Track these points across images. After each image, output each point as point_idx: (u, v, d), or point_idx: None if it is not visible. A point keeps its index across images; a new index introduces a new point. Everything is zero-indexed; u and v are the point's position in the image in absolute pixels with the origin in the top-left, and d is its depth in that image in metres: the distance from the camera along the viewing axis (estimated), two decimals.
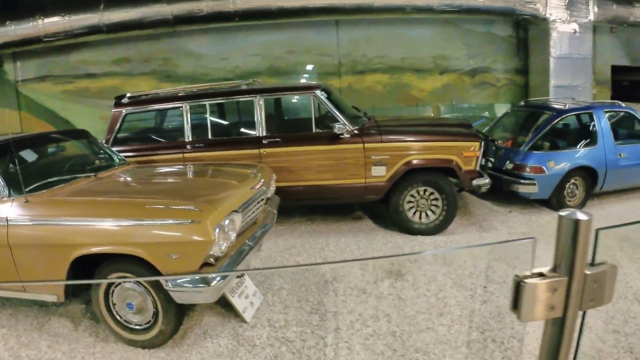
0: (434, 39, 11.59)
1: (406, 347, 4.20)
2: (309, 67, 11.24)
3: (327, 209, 8.04)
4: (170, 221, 3.95)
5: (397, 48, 11.37)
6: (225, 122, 7.83)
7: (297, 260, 6.12)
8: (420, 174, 6.77)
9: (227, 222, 4.09)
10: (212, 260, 4.04)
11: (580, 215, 1.32)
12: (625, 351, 4.15)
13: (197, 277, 3.90)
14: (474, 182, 6.78)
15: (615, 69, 13.80)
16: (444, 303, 4.93)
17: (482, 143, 6.86)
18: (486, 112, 12.12)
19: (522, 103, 9.70)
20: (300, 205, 7.67)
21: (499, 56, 12.06)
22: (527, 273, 1.36)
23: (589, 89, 11.76)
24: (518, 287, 1.33)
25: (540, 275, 1.39)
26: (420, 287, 5.30)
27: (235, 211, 4.33)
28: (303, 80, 11.31)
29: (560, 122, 8.43)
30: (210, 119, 7.07)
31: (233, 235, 4.22)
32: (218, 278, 3.95)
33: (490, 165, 8.17)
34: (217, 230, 3.92)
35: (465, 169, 6.72)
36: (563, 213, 1.32)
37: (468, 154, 6.68)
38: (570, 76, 11.31)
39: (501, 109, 11.54)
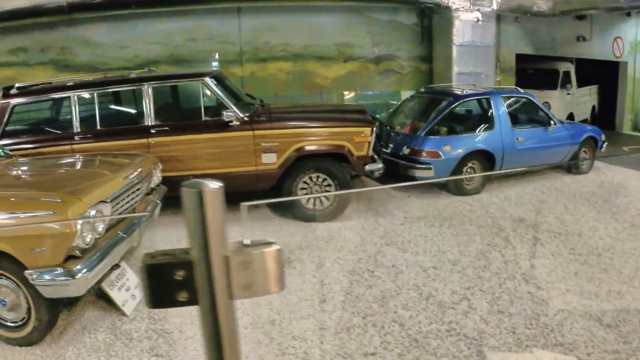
0: (338, 26, 11.56)
1: (284, 335, 4.16)
2: (211, 55, 11.02)
3: (226, 198, 7.89)
4: (33, 213, 3.81)
5: (301, 36, 11.28)
6: (114, 112, 7.61)
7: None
8: (312, 160, 6.75)
9: (92, 213, 3.96)
10: (77, 252, 3.91)
11: (205, 185, 1.08)
12: (508, 332, 4.22)
13: (60, 270, 3.77)
14: (367, 168, 6.80)
15: (520, 57, 14.18)
16: (328, 289, 4.93)
17: (374, 128, 6.88)
18: (397, 100, 12.22)
19: (422, 89, 9.83)
20: None
21: (403, 44, 12.16)
22: (156, 254, 1.13)
23: (492, 76, 12.01)
24: (143, 270, 1.10)
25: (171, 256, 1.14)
26: (307, 273, 5.29)
27: (104, 202, 4.20)
28: (214, 69, 11.09)
29: (458, 108, 8.58)
30: (98, 109, 6.84)
31: (101, 227, 4.09)
32: (84, 270, 3.84)
33: (388, 150, 8.24)
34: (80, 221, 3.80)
35: (357, 155, 6.72)
36: (185, 184, 1.10)
37: (360, 140, 6.69)
38: (472, 63, 11.51)
39: (406, 95, 11.62)
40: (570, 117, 14.76)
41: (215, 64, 11.04)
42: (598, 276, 5.28)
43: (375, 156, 7.06)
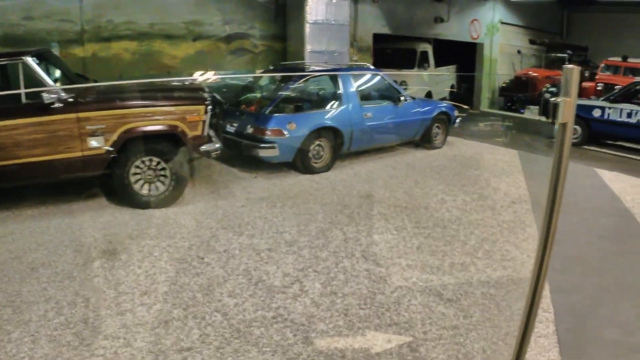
0: (186, 4, 11.10)
1: (95, 334, 3.79)
2: (50, 34, 10.16)
3: (63, 189, 7.28)
4: None
5: (146, 13, 10.69)
6: None
7: (10, 249, 5.43)
8: (143, 142, 6.34)
9: None
10: None
11: None
12: (340, 314, 4.08)
13: None
14: (203, 148, 6.50)
15: (379, 37, 14.34)
16: (152, 280, 4.61)
17: (209, 107, 6.56)
18: None
19: (271, 67, 9.66)
20: (24, 186, 6.84)
21: (256, 22, 11.94)
22: None
23: (347, 54, 12.06)
24: None
25: None
26: (133, 264, 4.92)
27: None
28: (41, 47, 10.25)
29: (304, 85, 8.44)
30: None
31: None
32: None
33: (232, 130, 8.00)
34: None
35: (191, 135, 6.39)
36: None
37: (193, 119, 6.36)
38: (326, 42, 11.53)
39: None
40: (429, 95, 15.14)
41: (54, 44, 10.28)
42: (442, 249, 5.32)
43: (213, 136, 6.76)
